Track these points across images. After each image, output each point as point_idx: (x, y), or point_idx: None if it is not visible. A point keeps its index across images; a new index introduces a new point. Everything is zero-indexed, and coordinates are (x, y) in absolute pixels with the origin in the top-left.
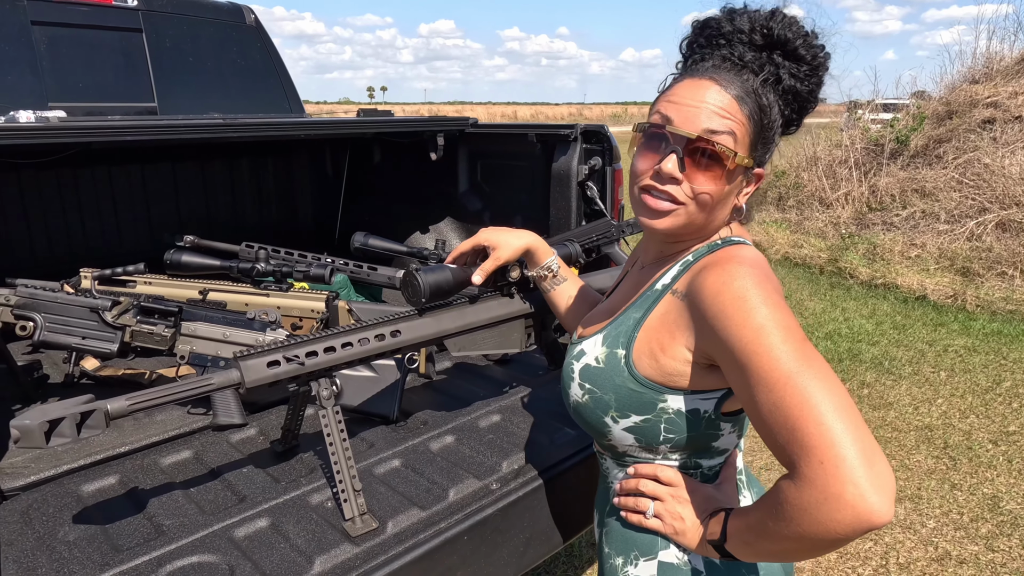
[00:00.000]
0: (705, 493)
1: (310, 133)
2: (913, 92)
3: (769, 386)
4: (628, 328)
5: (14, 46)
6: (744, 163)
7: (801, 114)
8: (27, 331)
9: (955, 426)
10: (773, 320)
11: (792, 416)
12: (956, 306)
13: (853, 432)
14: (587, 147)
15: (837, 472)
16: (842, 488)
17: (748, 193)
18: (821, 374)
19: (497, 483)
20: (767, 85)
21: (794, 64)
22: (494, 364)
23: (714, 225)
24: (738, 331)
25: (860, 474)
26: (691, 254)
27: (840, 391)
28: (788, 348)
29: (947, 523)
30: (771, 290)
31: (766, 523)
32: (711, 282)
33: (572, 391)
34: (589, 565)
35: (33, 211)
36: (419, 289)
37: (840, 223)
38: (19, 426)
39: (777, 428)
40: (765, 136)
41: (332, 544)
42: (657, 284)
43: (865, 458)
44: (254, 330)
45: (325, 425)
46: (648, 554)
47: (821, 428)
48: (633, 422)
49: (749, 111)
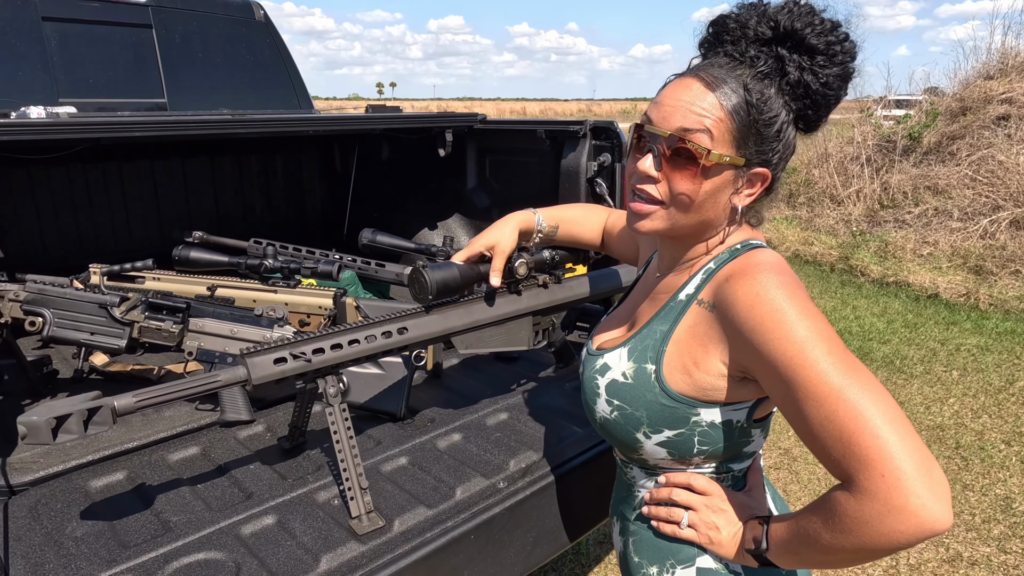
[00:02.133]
0: (739, 501)
1: (319, 129)
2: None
3: (819, 401)
4: (655, 342)
5: (25, 42)
6: (724, 161)
7: (818, 110)
8: (36, 326)
9: (967, 426)
10: (816, 332)
11: (847, 430)
12: (969, 305)
13: (910, 443)
14: (596, 143)
15: (899, 484)
16: (905, 500)
17: (752, 194)
18: (870, 385)
19: (504, 482)
20: (766, 79)
21: (805, 56)
22: (501, 362)
23: (713, 227)
24: (780, 345)
25: (921, 484)
26: (712, 261)
27: (890, 401)
28: (834, 360)
29: (959, 524)
30: (805, 298)
31: (820, 534)
32: (743, 294)
33: (599, 407)
34: (596, 563)
35: (44, 207)
36: (426, 286)
37: (851, 220)
38: (26, 422)
39: (831, 442)
40: (759, 133)
41: (338, 542)
42: (680, 294)
43: (925, 468)
44: (261, 326)
45: (332, 423)
46: (686, 562)
47: (878, 441)
48: (666, 437)
49: (733, 107)
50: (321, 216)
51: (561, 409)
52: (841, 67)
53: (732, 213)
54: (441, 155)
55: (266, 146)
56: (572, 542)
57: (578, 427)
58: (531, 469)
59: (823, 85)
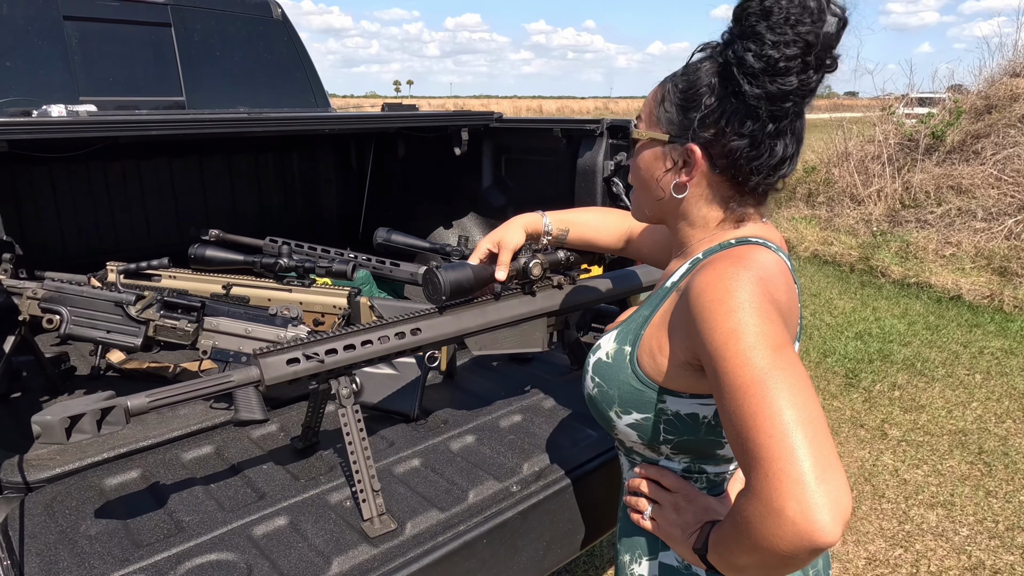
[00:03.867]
0: (705, 504)
1: (334, 127)
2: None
3: (731, 392)
4: (637, 325)
5: (47, 41)
6: (642, 137)
7: (751, 83)
8: (53, 324)
9: (990, 431)
10: (747, 324)
11: (748, 424)
12: (993, 307)
13: (807, 445)
14: (613, 142)
15: (780, 486)
16: (784, 503)
17: (689, 172)
18: (788, 382)
19: (517, 485)
20: (705, 60)
21: (735, 30)
22: (515, 363)
23: (674, 211)
24: (712, 332)
25: (805, 491)
26: (702, 252)
27: (806, 401)
28: (757, 353)
29: (981, 531)
30: (758, 293)
31: (729, 536)
32: (699, 280)
33: (586, 383)
34: (610, 565)
35: (64, 205)
36: (439, 287)
37: (872, 220)
38: (40, 422)
39: (735, 436)
40: (680, 107)
41: (350, 545)
42: (667, 282)
43: (815, 474)
44: (276, 326)
45: (344, 424)
46: (650, 554)
47: (772, 439)
48: (634, 419)
49: (662, 88)
50: (337, 214)
51: (576, 412)
52: (769, 31)
53: (676, 190)
54: (457, 154)
55: (283, 144)
56: (585, 547)
57: (592, 430)
58: (545, 472)
59: (735, 54)
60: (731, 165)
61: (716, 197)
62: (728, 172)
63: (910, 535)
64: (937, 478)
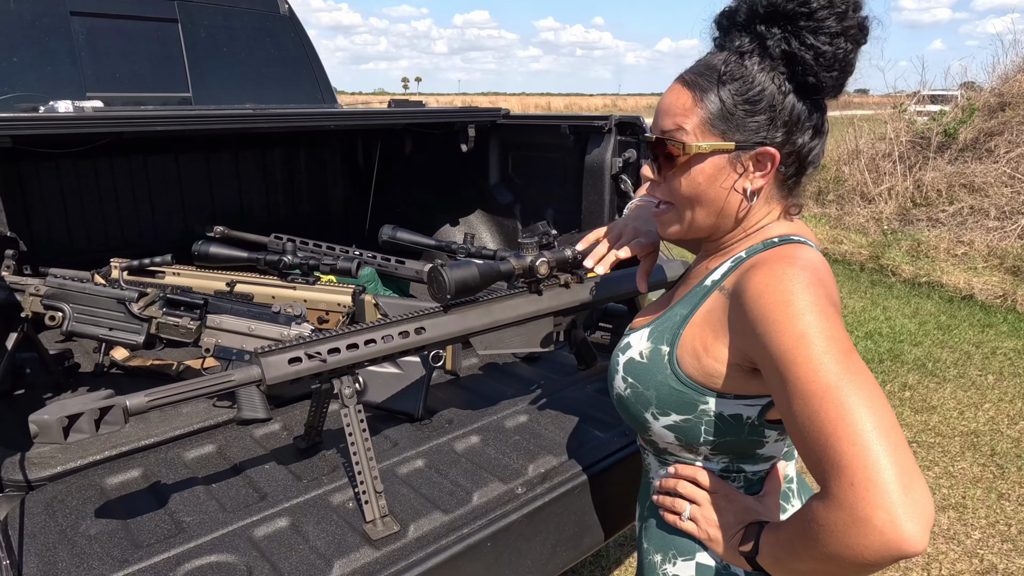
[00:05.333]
0: (745, 504)
1: (340, 124)
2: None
3: (806, 398)
4: (674, 324)
5: (54, 36)
6: (704, 151)
7: (819, 73)
8: (56, 321)
9: (1003, 432)
10: (817, 328)
11: (826, 432)
12: (1006, 307)
13: (891, 454)
14: (621, 139)
15: (867, 495)
16: (872, 512)
17: (763, 176)
18: (863, 389)
19: (523, 487)
20: (745, 57)
21: (786, 25)
22: (522, 362)
23: (732, 216)
24: (779, 337)
25: (893, 500)
26: (744, 250)
27: (882, 409)
28: (830, 359)
29: (993, 534)
30: (820, 295)
31: (795, 541)
32: (756, 282)
33: (616, 383)
34: (616, 566)
35: (71, 200)
36: (444, 285)
37: (882, 218)
38: (37, 421)
39: (811, 443)
40: (746, 112)
41: (352, 547)
42: (707, 280)
43: (901, 483)
44: (279, 324)
45: (347, 424)
46: (686, 554)
47: (855, 447)
48: (673, 421)
49: (709, 97)
50: (343, 211)
51: (582, 412)
52: (834, 21)
53: (751, 196)
54: (463, 151)
55: (289, 141)
56: (592, 550)
57: (599, 431)
58: (550, 474)
59: (809, 48)
60: (796, 160)
61: (773, 195)
62: (791, 168)
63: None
64: (949, 480)
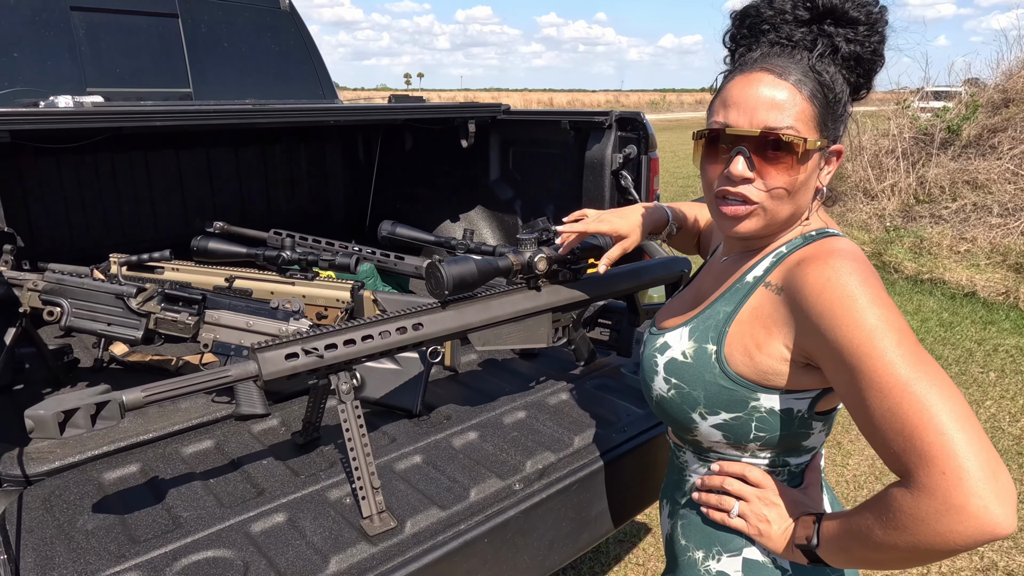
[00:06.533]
0: (793, 497)
1: (340, 119)
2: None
3: (884, 392)
4: (718, 322)
5: (54, 32)
6: (816, 146)
7: (869, 77)
8: (54, 316)
9: (1005, 430)
10: (886, 322)
11: (910, 424)
12: (1008, 304)
13: (976, 442)
14: (622, 135)
15: (960, 483)
16: (966, 500)
17: (830, 172)
18: (939, 381)
19: (520, 483)
20: (824, 58)
21: (849, 28)
22: (520, 358)
23: (802, 214)
24: (848, 332)
25: (984, 486)
26: (784, 245)
27: (959, 399)
28: (903, 351)
29: None
30: (878, 287)
31: (873, 531)
32: (813, 278)
33: (656, 385)
34: (616, 562)
35: (71, 195)
36: (442, 281)
37: (885, 215)
38: (33, 416)
39: (893, 435)
40: (834, 111)
41: (349, 543)
42: (747, 276)
43: (990, 469)
44: (277, 319)
45: (344, 420)
46: (733, 551)
47: (942, 438)
48: (722, 419)
49: (810, 92)
50: (344, 207)
51: (581, 408)
52: (882, 31)
53: (817, 195)
54: (464, 146)
55: (289, 136)
56: (590, 546)
57: (598, 428)
58: (548, 471)
59: (872, 52)
60: (838, 155)
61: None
62: (833, 163)
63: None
64: None
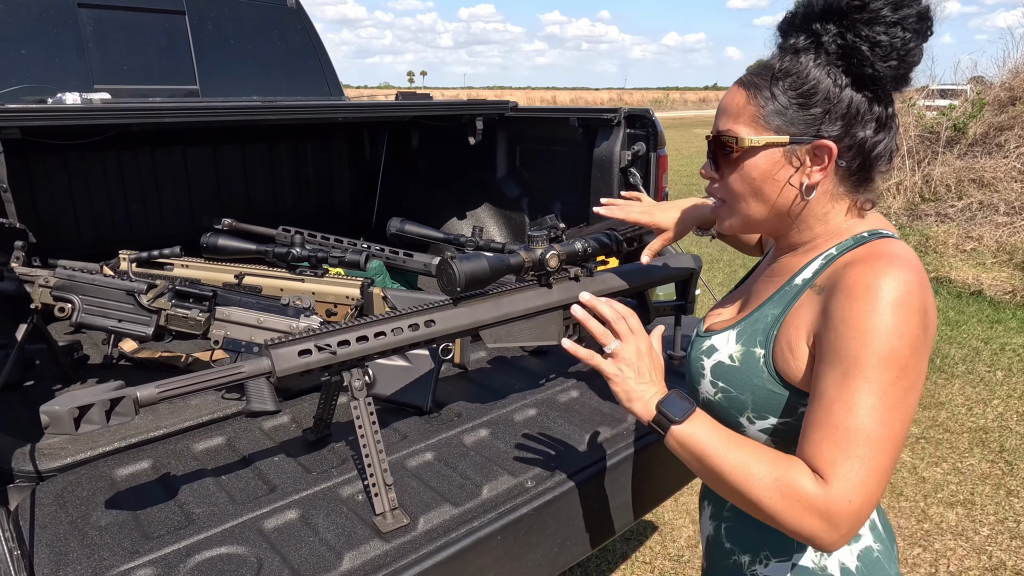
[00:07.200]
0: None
1: (348, 116)
2: (972, 77)
3: (850, 409)
4: (766, 325)
5: (62, 29)
6: (757, 144)
7: (875, 65)
8: (65, 312)
9: (1012, 429)
10: (895, 354)
11: (845, 444)
12: (1015, 303)
13: (875, 494)
14: (631, 132)
15: (838, 513)
16: (828, 529)
17: (823, 170)
18: (894, 435)
19: (532, 481)
20: (801, 54)
21: (840, 21)
22: (530, 356)
23: (792, 211)
24: (855, 347)
25: (850, 526)
26: (835, 247)
27: (894, 453)
28: (889, 390)
29: (1002, 531)
30: (912, 310)
31: (749, 463)
32: (853, 281)
33: (703, 388)
34: (623, 560)
35: (79, 192)
36: (454, 277)
37: (891, 214)
38: (49, 412)
39: (828, 444)
40: (800, 106)
41: (362, 540)
42: (796, 279)
43: (863, 517)
44: (288, 316)
45: (357, 417)
46: (781, 555)
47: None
48: (771, 424)
49: (759, 94)
50: (350, 204)
51: (591, 406)
52: (889, 11)
53: (807, 191)
54: (471, 143)
55: (296, 133)
56: (601, 544)
57: (609, 426)
58: (560, 468)
59: (864, 39)
60: (859, 154)
61: (840, 191)
62: (854, 162)
63: (929, 534)
64: (957, 476)
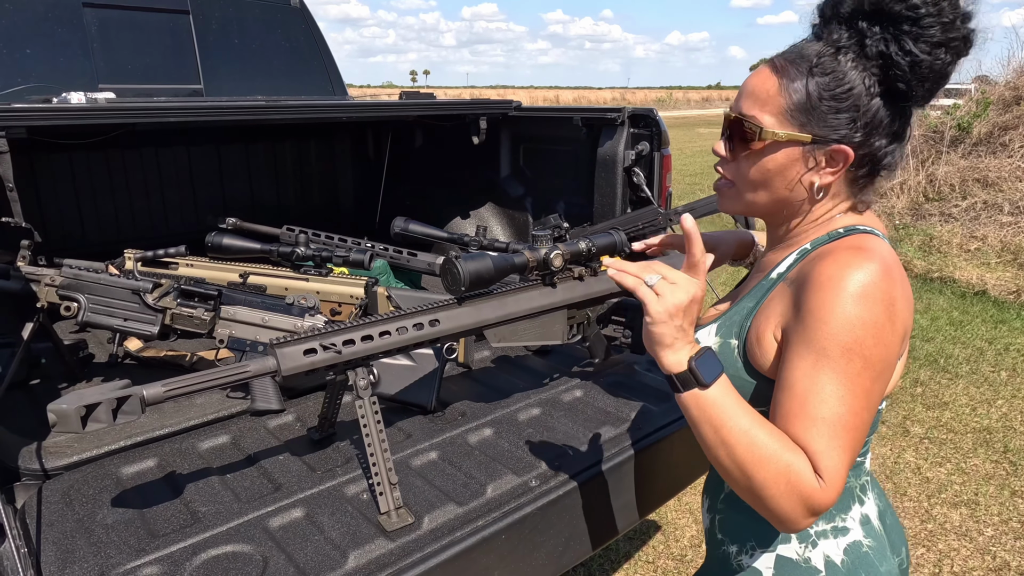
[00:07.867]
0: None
1: (352, 116)
2: (976, 76)
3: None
4: (741, 318)
5: (67, 28)
6: (780, 139)
7: (910, 81)
8: (71, 311)
9: (1016, 429)
10: (859, 344)
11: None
12: (1019, 302)
13: (843, 464)
14: (634, 131)
15: (821, 506)
16: (804, 517)
17: (834, 172)
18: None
19: (537, 480)
20: (840, 53)
21: (888, 26)
22: (534, 355)
23: (792, 205)
24: (821, 337)
25: (819, 516)
26: (810, 242)
27: (858, 437)
28: (846, 383)
29: (1006, 532)
30: (879, 302)
31: (753, 430)
32: (818, 272)
33: None
34: (626, 559)
35: (84, 192)
36: (459, 277)
37: (894, 213)
38: (56, 410)
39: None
40: (829, 108)
41: (367, 538)
42: (772, 273)
43: (834, 494)
44: (293, 315)
45: (362, 416)
46: (765, 546)
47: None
48: None
49: (795, 86)
50: (354, 203)
51: (595, 406)
52: (938, 31)
53: (817, 191)
54: (475, 143)
55: (300, 133)
56: (604, 543)
57: (613, 425)
58: (564, 468)
59: (907, 54)
60: (871, 162)
61: (844, 192)
62: (865, 168)
63: (933, 534)
64: (960, 477)
